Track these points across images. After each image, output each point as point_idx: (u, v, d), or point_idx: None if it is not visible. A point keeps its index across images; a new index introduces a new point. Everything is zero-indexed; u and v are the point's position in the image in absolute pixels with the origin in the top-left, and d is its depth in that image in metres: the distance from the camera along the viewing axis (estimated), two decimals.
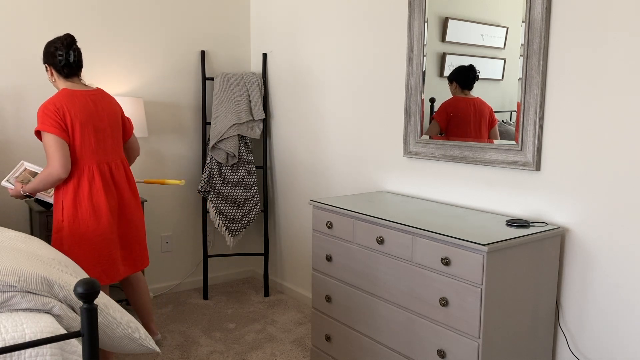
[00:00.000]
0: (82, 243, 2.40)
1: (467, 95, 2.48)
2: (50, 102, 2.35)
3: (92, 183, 2.41)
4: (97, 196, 2.41)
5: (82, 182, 2.40)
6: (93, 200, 2.40)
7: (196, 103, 3.81)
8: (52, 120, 2.30)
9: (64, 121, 2.34)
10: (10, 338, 1.32)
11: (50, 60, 2.44)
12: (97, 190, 2.42)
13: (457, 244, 1.95)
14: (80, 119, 2.38)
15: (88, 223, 2.39)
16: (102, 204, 2.42)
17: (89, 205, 2.39)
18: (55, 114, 2.32)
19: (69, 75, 2.46)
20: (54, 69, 2.45)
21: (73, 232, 2.37)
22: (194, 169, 3.85)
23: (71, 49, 2.43)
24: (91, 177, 2.41)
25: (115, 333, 1.66)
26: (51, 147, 2.29)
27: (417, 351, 2.14)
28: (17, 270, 1.47)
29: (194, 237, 3.92)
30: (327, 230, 2.55)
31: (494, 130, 2.38)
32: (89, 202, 2.39)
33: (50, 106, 2.33)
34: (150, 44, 3.58)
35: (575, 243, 2.11)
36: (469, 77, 2.47)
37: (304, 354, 2.88)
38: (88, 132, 2.41)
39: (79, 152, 2.39)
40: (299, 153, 3.60)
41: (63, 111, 2.34)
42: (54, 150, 2.29)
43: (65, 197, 2.40)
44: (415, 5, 2.63)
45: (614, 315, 2.01)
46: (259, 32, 3.92)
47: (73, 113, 2.36)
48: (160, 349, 2.74)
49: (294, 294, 3.74)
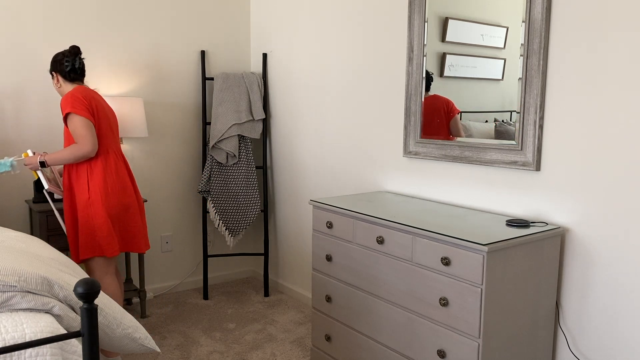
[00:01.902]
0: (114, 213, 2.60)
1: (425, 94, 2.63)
2: (76, 91, 2.55)
3: (117, 163, 2.65)
4: (122, 173, 2.65)
5: (109, 161, 2.62)
6: (119, 176, 2.63)
7: (196, 103, 3.81)
8: (82, 104, 2.51)
9: (91, 107, 2.56)
10: (10, 338, 1.32)
11: (57, 67, 2.64)
12: (121, 170, 2.66)
13: (457, 244, 1.95)
14: (102, 111, 2.63)
15: (119, 195, 2.61)
16: (127, 182, 2.67)
17: (117, 181, 2.61)
18: (84, 99, 2.53)
19: (74, 79, 2.67)
20: (60, 75, 2.65)
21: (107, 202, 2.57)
22: (194, 169, 3.85)
23: (77, 56, 2.65)
24: (115, 159, 2.65)
25: (115, 333, 1.66)
26: (83, 127, 2.50)
27: (417, 351, 2.14)
28: (17, 270, 1.47)
29: (194, 237, 3.92)
30: (327, 230, 2.55)
31: (453, 121, 2.49)
32: (117, 177, 2.62)
33: (78, 94, 2.54)
34: (151, 44, 3.58)
35: (575, 243, 2.11)
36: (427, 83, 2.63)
37: (304, 354, 2.88)
38: (107, 124, 2.66)
39: (104, 137, 2.62)
40: (299, 153, 3.60)
41: (89, 99, 2.56)
42: (85, 130, 2.50)
43: (92, 176, 2.57)
44: (415, 5, 2.63)
45: (614, 315, 2.01)
46: (259, 32, 3.92)
47: (97, 104, 2.60)
48: (160, 349, 2.74)
49: (294, 294, 3.74)
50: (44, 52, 3.23)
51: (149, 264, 3.74)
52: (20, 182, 3.24)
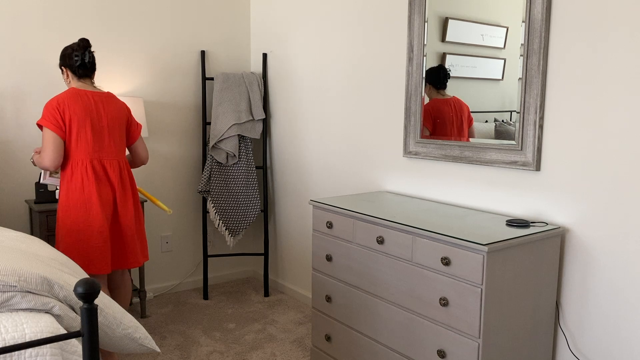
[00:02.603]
0: (73, 229, 2.52)
1: (444, 95, 2.54)
2: (54, 99, 2.52)
3: (85, 176, 2.54)
4: (89, 189, 2.53)
5: (75, 174, 2.53)
6: (85, 192, 2.53)
7: (196, 103, 3.81)
8: (52, 116, 2.49)
9: (62, 118, 2.51)
10: (10, 338, 1.32)
11: (67, 62, 2.60)
12: (89, 184, 2.54)
13: (457, 244, 1.95)
14: (79, 116, 2.53)
15: (78, 212, 2.52)
16: (93, 197, 2.53)
17: (80, 196, 2.52)
18: (55, 110, 2.49)
19: (83, 75, 2.62)
20: (70, 70, 2.61)
21: (66, 217, 2.52)
22: (194, 169, 3.85)
23: (86, 50, 2.60)
24: (84, 171, 2.54)
25: (116, 333, 1.66)
26: (45, 140, 2.50)
27: (417, 351, 2.14)
28: (17, 270, 1.47)
29: (194, 237, 3.92)
30: (327, 230, 2.55)
31: (471, 129, 2.43)
32: (81, 193, 2.52)
33: (54, 103, 2.50)
34: (150, 44, 3.58)
35: (575, 243, 2.11)
36: (440, 77, 2.54)
37: (304, 354, 2.88)
38: (85, 129, 2.55)
39: (74, 146, 2.54)
40: (299, 153, 3.60)
41: (63, 108, 2.50)
42: (47, 144, 2.49)
43: (63, 185, 2.56)
44: (415, 5, 2.63)
45: (614, 315, 2.01)
46: (258, 32, 3.92)
47: (73, 110, 2.52)
48: (160, 349, 2.74)
49: (294, 294, 3.74)
50: (44, 52, 3.23)
51: (149, 264, 3.74)
52: (20, 182, 3.24)
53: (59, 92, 3.28)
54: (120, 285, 2.78)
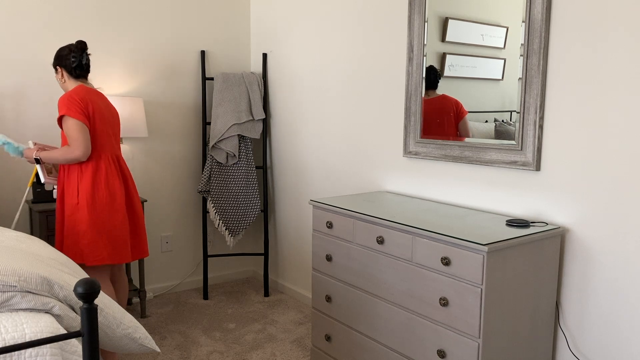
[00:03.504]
0: (98, 222, 2.53)
1: (431, 95, 2.59)
2: (74, 92, 2.52)
3: (109, 169, 2.58)
4: (113, 181, 2.58)
5: (100, 167, 2.55)
6: (109, 184, 2.56)
7: (196, 103, 3.81)
8: (77, 107, 2.48)
9: (87, 109, 2.52)
10: (10, 338, 1.32)
11: (63, 62, 2.60)
12: (113, 176, 2.58)
13: (457, 244, 1.95)
14: (99, 112, 2.58)
15: (105, 204, 2.54)
16: (117, 188, 2.58)
17: (106, 188, 2.55)
18: (80, 102, 2.50)
19: (79, 76, 2.63)
20: (65, 70, 2.61)
21: (92, 211, 2.51)
22: (194, 169, 3.85)
23: (84, 52, 2.61)
24: (108, 165, 2.58)
25: (116, 333, 1.66)
26: (75, 130, 2.46)
27: (417, 351, 2.14)
28: (17, 270, 1.47)
29: (194, 237, 3.92)
30: (327, 230, 2.55)
31: (462, 123, 2.45)
32: (106, 185, 2.55)
33: (75, 96, 2.50)
34: (150, 44, 3.58)
35: (575, 243, 2.11)
36: (430, 77, 2.59)
37: (304, 354, 2.88)
38: (104, 124, 2.60)
39: (99, 140, 2.57)
40: (299, 153, 3.60)
41: (86, 101, 2.52)
42: (78, 134, 2.46)
43: (82, 180, 2.53)
44: (415, 5, 2.63)
45: (614, 315, 2.01)
46: (259, 32, 3.92)
47: (95, 104, 2.56)
48: (160, 349, 2.74)
49: (294, 294, 3.74)
50: (44, 52, 3.23)
51: (149, 264, 3.74)
52: (20, 182, 3.24)
53: (59, 92, 3.28)
54: (119, 279, 2.82)
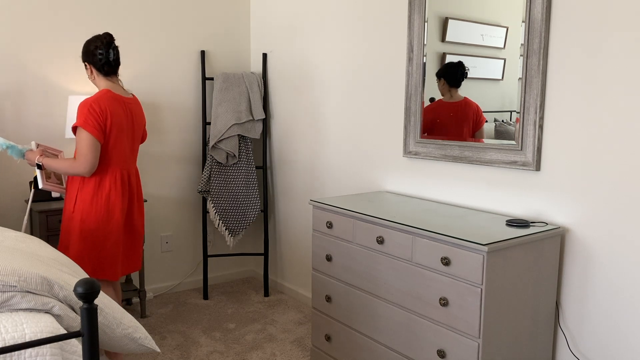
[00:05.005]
0: (89, 237, 2.43)
1: (454, 94, 2.50)
2: (96, 101, 2.38)
3: (113, 186, 2.46)
4: (114, 199, 2.46)
5: (104, 183, 2.44)
6: (110, 202, 2.45)
7: (196, 103, 3.81)
8: (95, 120, 2.35)
9: (104, 123, 2.39)
10: (10, 338, 1.31)
11: (90, 58, 2.48)
12: (116, 194, 2.46)
13: (457, 244, 1.95)
14: (118, 125, 2.45)
15: (100, 221, 2.44)
16: (117, 206, 2.47)
17: (105, 205, 2.44)
18: (99, 114, 2.37)
19: (109, 73, 2.50)
20: (94, 67, 2.49)
21: (84, 225, 2.42)
22: (194, 169, 3.85)
23: (111, 47, 2.47)
24: (113, 181, 2.46)
25: (116, 333, 1.66)
26: (86, 145, 2.34)
27: (417, 351, 2.14)
28: (17, 270, 1.47)
29: (194, 237, 3.92)
30: (327, 230, 2.55)
31: (480, 132, 2.39)
32: (106, 202, 2.44)
33: (96, 106, 2.37)
34: (151, 44, 3.58)
35: (575, 243, 2.11)
36: (457, 75, 2.49)
37: (304, 354, 2.88)
38: (121, 139, 2.48)
39: (110, 155, 2.45)
40: (299, 153, 3.60)
41: (106, 114, 2.39)
42: (87, 149, 2.35)
43: (82, 190, 2.43)
44: (415, 5, 2.63)
45: (614, 315, 2.01)
46: (259, 32, 3.92)
47: (115, 119, 2.42)
48: (160, 349, 2.74)
49: (294, 294, 3.74)
50: (44, 52, 3.23)
51: (149, 264, 3.74)
52: (20, 182, 3.24)
53: (58, 92, 3.28)
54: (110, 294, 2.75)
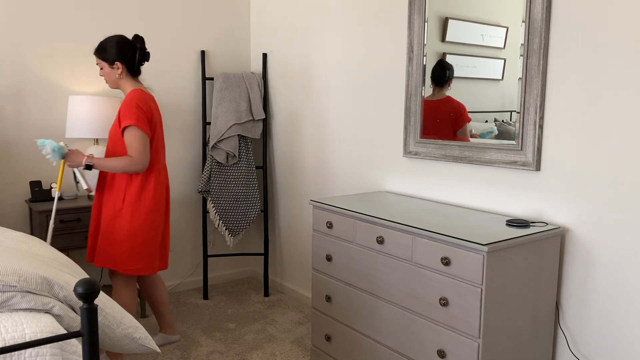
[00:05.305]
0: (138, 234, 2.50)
1: (436, 93, 2.56)
2: (140, 100, 2.45)
3: (157, 180, 2.55)
4: (160, 191, 2.56)
5: (150, 179, 2.53)
6: (156, 196, 2.54)
7: (196, 103, 3.81)
8: (145, 117, 2.44)
9: (151, 120, 2.49)
10: (10, 338, 1.32)
11: (124, 57, 2.49)
12: (161, 187, 2.57)
13: (457, 244, 1.95)
14: (159, 123, 2.56)
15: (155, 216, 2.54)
16: (162, 200, 2.58)
17: (160, 200, 2.55)
18: (147, 112, 2.45)
19: (137, 74, 2.57)
20: (127, 66, 2.51)
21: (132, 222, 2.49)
22: (194, 169, 3.85)
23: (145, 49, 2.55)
24: (157, 175, 2.56)
25: (116, 333, 1.66)
26: (141, 142, 2.42)
27: (417, 351, 2.14)
28: (17, 270, 1.47)
29: (194, 237, 3.92)
30: (327, 230, 2.55)
31: (462, 130, 2.43)
32: (160, 197, 2.55)
33: (142, 105, 2.44)
34: (150, 44, 3.58)
35: (575, 243, 2.11)
36: (438, 75, 2.55)
37: (304, 354, 2.88)
38: (161, 136, 2.59)
39: (155, 151, 2.55)
40: (299, 153, 3.60)
41: (151, 112, 2.49)
42: (143, 146, 2.43)
43: (130, 187, 2.49)
44: (415, 5, 2.63)
45: (614, 315, 2.01)
46: (259, 32, 3.92)
47: (156, 116, 2.53)
48: (160, 349, 2.74)
49: (294, 294, 3.74)
50: (44, 52, 3.23)
51: None
52: (20, 182, 3.24)
53: (58, 92, 3.28)
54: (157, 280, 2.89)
